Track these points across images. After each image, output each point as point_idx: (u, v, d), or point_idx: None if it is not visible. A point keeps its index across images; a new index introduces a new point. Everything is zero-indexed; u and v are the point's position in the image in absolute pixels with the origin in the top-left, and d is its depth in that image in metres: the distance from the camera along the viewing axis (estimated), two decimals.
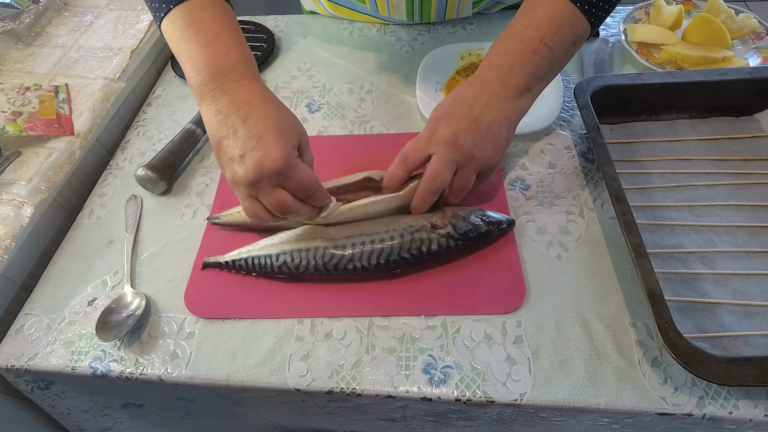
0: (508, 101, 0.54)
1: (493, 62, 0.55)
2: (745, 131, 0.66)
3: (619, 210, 0.53)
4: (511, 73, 0.54)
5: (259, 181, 0.47)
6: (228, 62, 0.49)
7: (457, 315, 0.53)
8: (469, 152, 0.53)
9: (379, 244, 0.54)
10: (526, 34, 0.53)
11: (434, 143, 0.54)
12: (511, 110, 0.55)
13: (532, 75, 0.54)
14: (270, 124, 0.47)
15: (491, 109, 0.54)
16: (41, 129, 0.69)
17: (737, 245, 0.55)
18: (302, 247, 0.55)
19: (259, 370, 0.51)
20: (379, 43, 0.86)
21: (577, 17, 0.52)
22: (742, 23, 0.76)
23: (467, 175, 0.55)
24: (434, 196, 0.55)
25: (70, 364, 0.54)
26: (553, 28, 0.52)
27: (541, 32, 0.52)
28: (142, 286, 0.59)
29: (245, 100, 0.48)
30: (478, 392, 0.48)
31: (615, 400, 0.46)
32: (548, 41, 0.52)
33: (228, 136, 0.47)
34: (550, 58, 0.53)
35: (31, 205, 0.63)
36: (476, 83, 0.55)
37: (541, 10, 0.53)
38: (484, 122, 0.53)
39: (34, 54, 0.83)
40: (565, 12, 0.52)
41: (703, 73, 0.65)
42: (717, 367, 0.42)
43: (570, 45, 0.54)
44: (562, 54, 0.54)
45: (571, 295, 0.54)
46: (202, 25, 0.50)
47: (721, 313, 0.50)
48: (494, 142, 0.54)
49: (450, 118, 0.54)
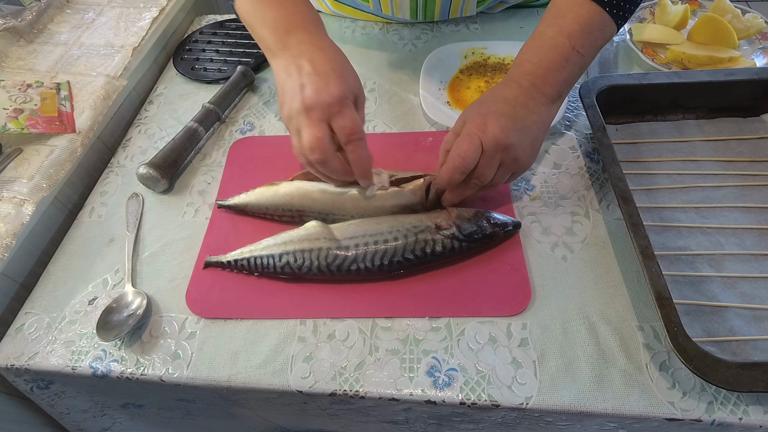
0: (543, 107, 0.54)
1: (526, 69, 0.55)
2: (752, 132, 0.65)
3: (626, 211, 0.52)
4: (546, 81, 0.54)
5: (310, 110, 0.50)
6: (301, 18, 0.54)
7: (462, 317, 0.52)
8: (514, 152, 0.52)
9: (383, 245, 0.54)
10: (558, 42, 0.53)
11: (485, 139, 0.52)
12: (546, 115, 0.55)
13: (565, 82, 0.54)
14: (335, 66, 0.51)
15: (531, 112, 0.53)
16: (43, 126, 0.69)
17: (745, 247, 0.55)
18: (305, 247, 0.55)
19: (261, 371, 0.51)
20: (381, 41, 0.86)
21: (606, 21, 0.52)
22: (748, 23, 0.75)
23: (505, 173, 0.54)
24: (472, 192, 0.55)
25: (70, 363, 0.53)
26: (584, 35, 0.52)
27: (573, 40, 0.52)
28: (143, 285, 0.58)
29: (318, 46, 0.53)
30: (483, 395, 0.47)
31: (622, 405, 0.46)
32: (580, 48, 0.52)
33: (293, 74, 0.51)
34: (581, 65, 0.54)
35: (32, 203, 0.63)
36: (512, 85, 0.55)
37: (571, 17, 0.53)
38: (526, 123, 0.53)
39: (36, 51, 0.82)
40: (595, 17, 0.52)
41: (710, 73, 0.65)
42: (727, 372, 0.42)
43: (598, 49, 0.55)
44: (590, 59, 0.55)
45: (576, 297, 0.53)
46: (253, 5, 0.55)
47: (729, 316, 0.49)
48: (533, 145, 0.54)
49: (496, 116, 0.52)
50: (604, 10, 0.52)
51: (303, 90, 0.50)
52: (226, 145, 0.72)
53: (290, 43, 0.53)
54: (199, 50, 0.88)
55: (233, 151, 0.71)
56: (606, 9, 0.52)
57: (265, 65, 0.84)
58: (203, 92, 0.80)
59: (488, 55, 0.79)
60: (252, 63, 0.83)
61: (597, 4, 0.52)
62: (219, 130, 0.75)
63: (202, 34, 0.91)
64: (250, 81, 0.80)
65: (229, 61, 0.84)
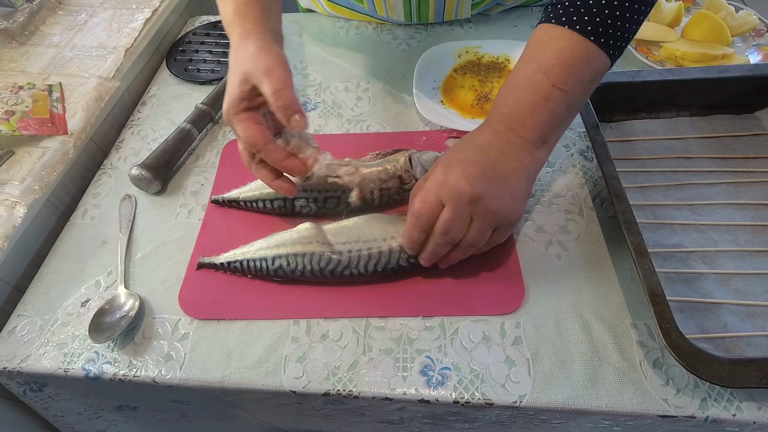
0: (525, 152, 0.49)
1: (502, 112, 0.50)
2: (745, 129, 0.65)
3: (620, 209, 0.52)
4: (523, 124, 0.48)
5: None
6: (228, 18, 0.54)
7: (455, 316, 0.52)
8: (485, 204, 0.47)
9: (377, 252, 0.53)
10: (535, 79, 0.47)
11: (445, 191, 0.47)
12: (528, 161, 0.49)
13: (547, 123, 0.48)
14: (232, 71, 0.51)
15: (508, 158, 0.48)
16: (34, 128, 0.68)
17: (739, 244, 0.55)
18: (298, 251, 0.54)
19: (254, 371, 0.51)
20: (375, 41, 0.86)
21: (592, 53, 0.46)
22: (742, 20, 0.75)
23: (482, 229, 0.48)
24: (445, 250, 0.50)
25: (63, 365, 0.53)
26: (565, 69, 0.46)
27: (552, 76, 0.47)
28: (135, 286, 0.58)
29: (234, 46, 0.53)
30: (476, 394, 0.47)
31: (616, 402, 0.46)
32: (561, 85, 0.47)
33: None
34: (566, 103, 0.48)
35: (24, 205, 0.62)
36: (486, 131, 0.50)
37: (549, 51, 0.47)
38: (501, 170, 0.48)
39: (28, 53, 0.82)
40: (577, 49, 0.46)
41: (704, 71, 0.65)
42: (720, 369, 0.41)
43: (587, 84, 0.48)
44: (578, 95, 0.48)
45: (570, 295, 0.53)
46: None
47: (723, 313, 0.49)
48: (513, 194, 0.48)
49: (463, 164, 0.48)
50: (588, 39, 0.45)
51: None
52: (220, 146, 0.72)
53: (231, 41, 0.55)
54: (192, 51, 0.87)
55: (226, 152, 0.71)
56: (591, 38, 0.45)
57: None
58: (196, 93, 0.80)
59: (482, 54, 0.79)
60: None
61: (579, 35, 0.46)
62: (212, 131, 0.75)
63: (195, 35, 0.91)
64: None
65: (222, 62, 0.84)
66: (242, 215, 0.63)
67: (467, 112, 0.72)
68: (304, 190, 0.60)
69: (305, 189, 0.60)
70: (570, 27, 0.46)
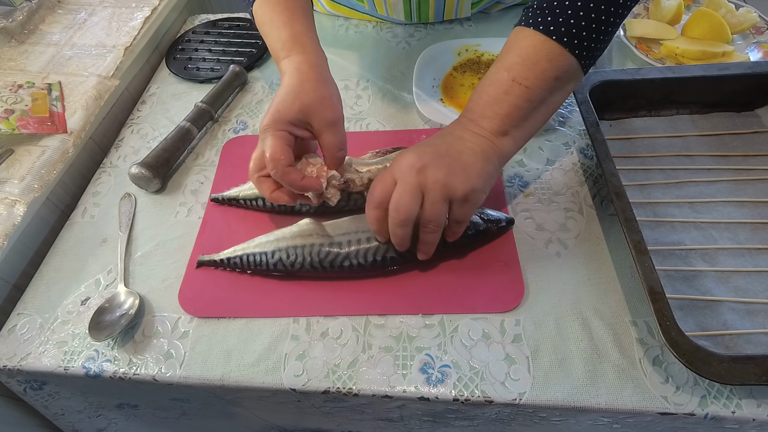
0: (482, 138, 0.51)
1: (467, 108, 0.53)
2: (746, 127, 0.65)
3: (619, 207, 0.52)
4: (483, 115, 0.51)
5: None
6: (279, 45, 0.56)
7: (455, 313, 0.52)
8: (434, 176, 0.47)
9: (375, 242, 0.54)
10: (498, 76, 0.51)
11: (397, 170, 0.49)
12: (486, 145, 0.50)
13: (508, 116, 0.50)
14: (280, 95, 0.52)
15: (464, 141, 0.51)
16: (34, 127, 0.68)
17: (739, 242, 0.55)
18: (298, 243, 0.55)
19: (254, 369, 0.51)
20: (375, 39, 0.86)
21: (554, 51, 0.49)
22: (742, 17, 0.75)
23: (435, 203, 0.48)
24: (404, 230, 0.49)
25: (63, 364, 0.53)
26: (527, 66, 0.49)
27: (513, 72, 0.50)
28: (135, 285, 0.58)
29: (282, 71, 0.55)
30: (476, 392, 0.47)
31: (615, 400, 0.46)
32: (522, 80, 0.49)
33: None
34: (527, 98, 0.49)
35: (23, 203, 0.62)
36: (452, 124, 0.54)
37: (514, 51, 0.51)
38: (454, 148, 0.50)
39: (27, 52, 0.82)
40: (539, 47, 0.49)
41: (704, 68, 0.65)
42: (719, 366, 0.41)
43: (552, 81, 0.49)
44: (543, 91, 0.50)
45: (570, 293, 0.53)
46: (263, 18, 0.58)
47: (722, 310, 0.49)
48: (466, 169, 0.49)
49: (417, 147, 0.51)
50: (551, 39, 0.48)
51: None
52: (219, 145, 0.72)
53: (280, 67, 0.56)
54: (191, 50, 0.87)
55: (226, 150, 0.71)
56: (553, 38, 0.48)
57: (258, 64, 0.84)
58: (196, 92, 0.80)
59: (482, 52, 0.79)
60: (245, 62, 0.83)
61: (543, 35, 0.48)
62: (212, 130, 0.75)
63: (195, 33, 0.91)
64: (243, 80, 0.80)
65: (222, 61, 0.84)
66: (242, 213, 0.63)
67: None
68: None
69: None
70: (535, 28, 0.49)
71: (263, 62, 0.85)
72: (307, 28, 0.57)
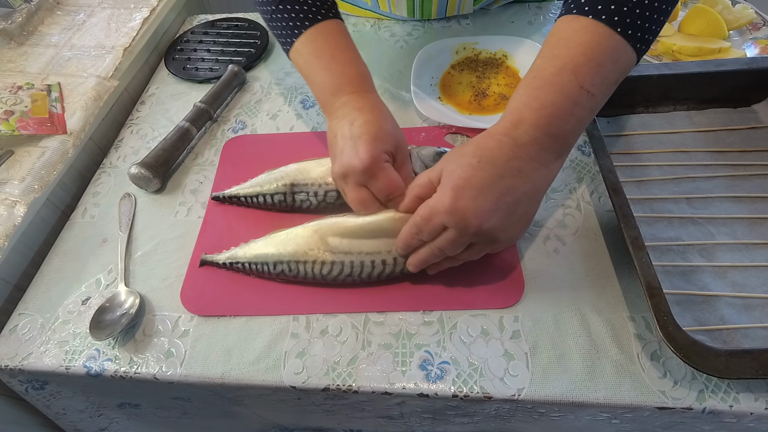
0: (543, 169, 0.45)
1: (525, 118, 0.45)
2: (742, 122, 0.65)
3: (617, 203, 0.52)
4: (549, 134, 0.44)
5: (346, 177, 0.52)
6: (345, 80, 0.56)
7: (454, 310, 0.53)
8: (490, 237, 0.45)
9: (380, 264, 0.53)
10: (563, 79, 0.43)
11: (452, 220, 0.45)
12: (544, 179, 0.46)
13: (572, 132, 0.45)
14: (369, 129, 0.51)
15: (524, 180, 0.44)
16: (34, 128, 0.69)
17: (736, 237, 0.55)
18: (300, 259, 0.54)
19: (254, 367, 0.51)
20: (372, 38, 0.86)
21: (620, 48, 0.42)
22: (738, 14, 0.75)
23: (480, 252, 0.49)
24: (436, 260, 0.50)
25: (64, 363, 0.53)
26: (593, 68, 0.42)
27: (581, 76, 0.42)
28: (136, 284, 0.58)
29: (357, 107, 0.54)
30: (475, 388, 0.47)
31: (614, 395, 0.46)
32: (590, 87, 0.42)
33: (336, 136, 0.53)
34: (591, 107, 0.44)
35: (24, 204, 0.62)
36: (506, 143, 0.45)
37: (574, 45, 0.42)
38: (514, 198, 0.44)
39: (27, 53, 0.82)
40: (605, 44, 0.42)
41: (700, 65, 0.65)
42: (717, 360, 0.42)
43: (612, 86, 0.44)
44: (602, 99, 0.44)
45: (568, 289, 0.53)
46: (320, 52, 0.57)
47: (720, 305, 0.50)
48: (520, 221, 0.47)
49: (474, 193, 0.44)
50: (615, 32, 0.41)
51: (341, 155, 0.52)
52: (219, 144, 0.72)
53: (335, 105, 0.55)
54: (190, 50, 0.88)
55: (226, 149, 0.71)
56: (618, 30, 0.41)
57: (257, 64, 0.84)
58: (195, 92, 0.80)
59: (479, 50, 0.79)
60: (243, 62, 0.83)
61: (605, 26, 0.41)
62: (211, 130, 0.75)
63: (194, 33, 0.91)
64: (242, 80, 0.80)
65: (221, 61, 0.84)
66: (242, 212, 0.63)
67: (465, 108, 0.72)
68: (304, 184, 0.60)
69: (305, 183, 0.60)
70: (595, 17, 0.42)
71: (261, 62, 0.85)
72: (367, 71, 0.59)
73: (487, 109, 0.71)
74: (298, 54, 0.58)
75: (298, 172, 0.61)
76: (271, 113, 0.76)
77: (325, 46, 0.57)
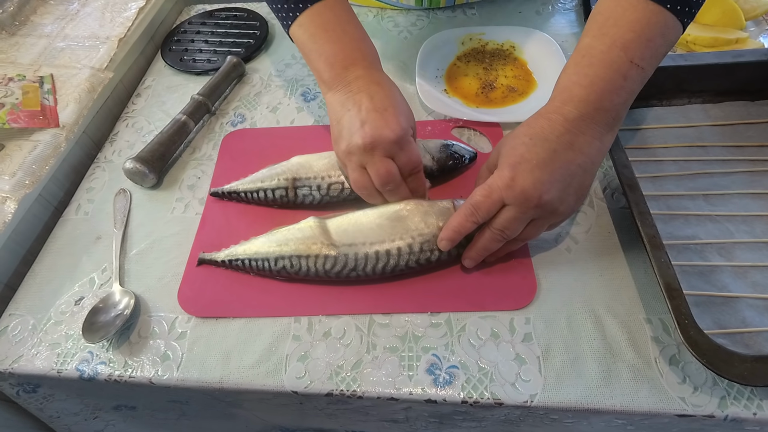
0: (596, 141, 0.46)
1: (574, 95, 0.46)
2: (760, 116, 0.63)
3: (632, 199, 0.50)
4: (600, 108, 0.45)
5: (374, 148, 0.49)
6: (359, 54, 0.54)
7: (462, 312, 0.50)
8: (550, 208, 0.46)
9: (384, 254, 0.51)
10: (612, 56, 0.44)
11: (512, 195, 0.45)
12: (597, 152, 0.46)
13: (623, 104, 0.45)
14: (394, 102, 0.51)
15: (577, 153, 0.45)
16: (25, 121, 0.66)
17: (756, 235, 0.53)
18: (302, 253, 0.52)
19: (254, 371, 0.49)
20: (376, 29, 0.83)
21: (668, 24, 0.44)
22: (755, 3, 0.73)
23: (541, 228, 0.49)
24: (497, 246, 0.49)
25: (56, 366, 0.51)
26: (643, 44, 0.43)
27: (630, 52, 0.43)
28: (131, 284, 0.56)
29: (376, 81, 0.53)
30: (485, 393, 0.45)
31: (631, 401, 0.44)
32: (639, 60, 0.44)
33: (351, 109, 0.51)
34: (642, 79, 0.45)
35: (14, 200, 0.60)
36: (556, 119, 0.46)
37: (624, 23, 0.44)
38: (569, 170, 0.45)
39: (18, 44, 0.80)
40: (654, 20, 0.43)
41: (716, 56, 0.63)
42: (742, 366, 0.40)
43: (660, 58, 0.45)
44: (650, 72, 0.45)
45: (581, 289, 0.51)
46: (330, 25, 0.54)
47: (741, 307, 0.48)
48: (577, 192, 0.47)
49: (530, 167, 0.45)
50: (665, 8, 0.42)
51: (364, 127, 0.49)
52: (217, 138, 0.70)
53: (348, 78, 0.53)
54: (187, 41, 0.85)
55: (225, 143, 0.69)
56: (667, 6, 0.42)
57: (256, 55, 0.82)
58: (192, 84, 0.78)
59: (486, 41, 0.77)
60: (242, 53, 0.80)
61: (655, 3, 0.43)
62: (209, 123, 0.73)
63: (191, 24, 0.89)
64: (241, 72, 0.78)
65: (219, 52, 0.82)
66: (242, 209, 0.61)
67: (471, 100, 0.69)
68: (306, 178, 0.58)
69: (308, 177, 0.58)
70: None
71: (261, 53, 0.82)
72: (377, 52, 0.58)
73: (495, 101, 0.69)
74: (301, 28, 0.55)
75: (299, 166, 0.59)
76: (271, 106, 0.74)
77: (335, 20, 0.55)
